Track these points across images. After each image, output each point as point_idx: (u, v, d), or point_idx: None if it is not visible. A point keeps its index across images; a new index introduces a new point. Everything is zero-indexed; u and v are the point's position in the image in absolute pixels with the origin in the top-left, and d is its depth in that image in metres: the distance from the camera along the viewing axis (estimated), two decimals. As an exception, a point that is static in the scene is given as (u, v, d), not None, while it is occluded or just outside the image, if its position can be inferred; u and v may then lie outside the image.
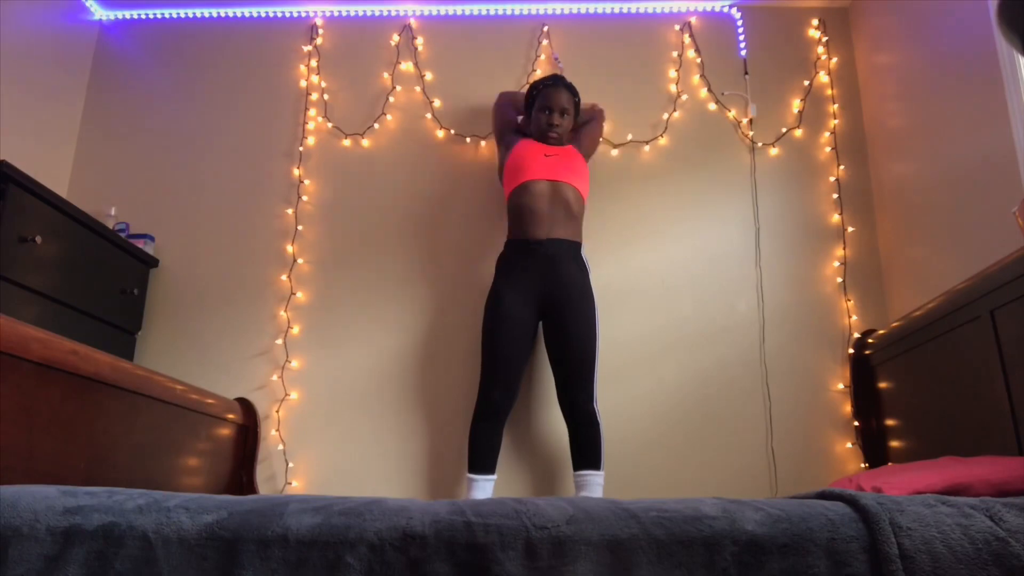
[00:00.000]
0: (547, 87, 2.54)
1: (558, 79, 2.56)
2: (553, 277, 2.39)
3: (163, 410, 1.92)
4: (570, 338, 2.34)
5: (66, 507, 0.99)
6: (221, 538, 0.96)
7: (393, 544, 0.95)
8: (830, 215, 2.86)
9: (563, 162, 2.48)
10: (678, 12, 3.09)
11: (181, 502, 1.01)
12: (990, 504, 1.06)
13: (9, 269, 2.11)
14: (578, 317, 2.36)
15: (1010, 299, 1.77)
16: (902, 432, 2.37)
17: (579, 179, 2.49)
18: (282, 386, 2.73)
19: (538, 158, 2.47)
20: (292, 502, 1.03)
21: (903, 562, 0.96)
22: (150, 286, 2.87)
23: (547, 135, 2.52)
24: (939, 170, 2.41)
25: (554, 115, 2.51)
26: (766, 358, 2.72)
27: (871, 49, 2.90)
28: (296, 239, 2.89)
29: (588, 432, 2.32)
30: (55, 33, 2.94)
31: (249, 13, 3.17)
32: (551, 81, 2.55)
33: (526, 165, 2.47)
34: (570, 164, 2.49)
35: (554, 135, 2.52)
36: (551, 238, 2.41)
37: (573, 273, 2.40)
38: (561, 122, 2.52)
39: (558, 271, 2.39)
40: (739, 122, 2.96)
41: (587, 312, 2.38)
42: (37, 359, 1.42)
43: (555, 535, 0.97)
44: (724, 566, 0.96)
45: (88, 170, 3.02)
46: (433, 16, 3.12)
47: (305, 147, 3.00)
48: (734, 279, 2.80)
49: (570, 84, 2.57)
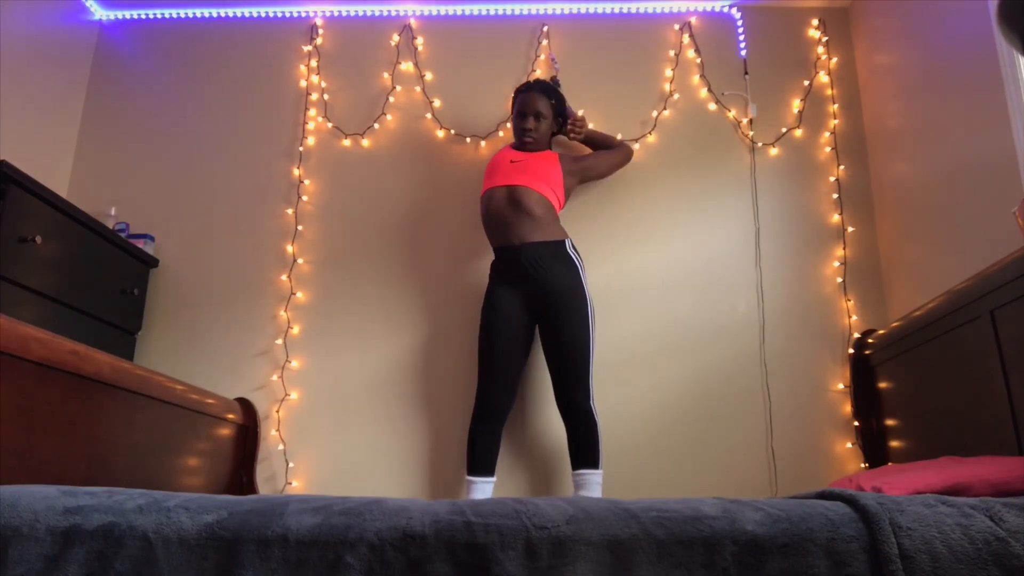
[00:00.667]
0: (522, 92, 2.59)
1: (533, 84, 2.60)
2: (538, 280, 2.39)
3: (163, 410, 1.92)
4: (562, 337, 2.35)
5: (66, 507, 0.99)
6: (221, 538, 0.96)
7: (393, 544, 0.95)
8: (830, 215, 2.86)
9: (527, 167, 2.49)
10: (678, 12, 3.09)
11: (181, 502, 1.01)
12: (990, 504, 1.06)
13: (9, 269, 2.11)
14: (569, 316, 2.36)
15: (1010, 299, 1.77)
16: (902, 432, 2.37)
17: (540, 181, 2.47)
18: (282, 386, 2.73)
19: (503, 165, 2.52)
20: (292, 502, 1.03)
21: (903, 562, 0.96)
22: (150, 286, 2.87)
23: (523, 140, 2.56)
24: (939, 170, 2.41)
25: (528, 119, 2.54)
26: (766, 358, 2.72)
27: (871, 49, 2.90)
28: (296, 239, 2.89)
29: (585, 431, 2.32)
30: (55, 33, 2.94)
31: (249, 13, 3.17)
32: (526, 87, 2.60)
33: (491, 173, 2.53)
34: (534, 168, 2.49)
35: (529, 139, 2.55)
36: (526, 242, 2.41)
37: (559, 273, 2.39)
38: (536, 125, 2.55)
39: (542, 274, 2.39)
40: (739, 122, 2.96)
41: (578, 310, 2.38)
42: (37, 359, 1.42)
43: (555, 535, 0.97)
44: (724, 566, 0.96)
45: (88, 170, 3.02)
46: (433, 16, 3.12)
47: (305, 147, 3.00)
48: (734, 279, 2.80)
49: (548, 87, 2.60)
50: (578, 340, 2.35)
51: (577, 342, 2.35)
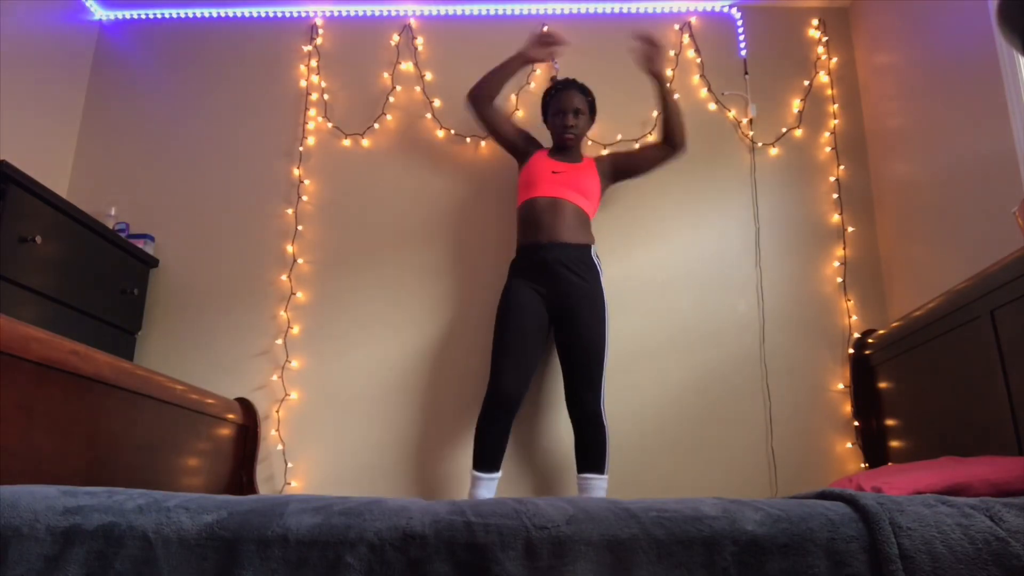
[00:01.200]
0: (559, 91, 2.58)
1: (569, 82, 2.59)
2: (560, 280, 2.40)
3: (163, 410, 1.92)
4: (579, 336, 2.35)
5: (66, 507, 0.99)
6: (221, 538, 0.96)
7: (393, 544, 0.95)
8: (830, 215, 2.86)
9: (569, 180, 2.50)
10: (678, 12, 3.09)
11: (181, 502, 1.01)
12: (990, 504, 1.06)
13: (9, 269, 2.11)
14: (586, 318, 2.37)
15: (1010, 299, 1.77)
16: (902, 432, 2.37)
17: (583, 197, 2.51)
18: (282, 386, 2.73)
19: (546, 175, 2.51)
20: (292, 502, 1.03)
21: (903, 562, 0.96)
22: (150, 286, 2.87)
23: (564, 137, 2.55)
24: (939, 170, 2.41)
25: (568, 116, 2.54)
26: (766, 358, 2.72)
27: (871, 49, 2.90)
28: (296, 239, 2.89)
29: (594, 434, 2.31)
30: (55, 33, 2.94)
31: (249, 13, 3.17)
32: (562, 85, 2.59)
33: (534, 182, 2.51)
34: (576, 182, 2.51)
35: (570, 136, 2.54)
36: (554, 242, 2.43)
37: (581, 274, 2.41)
38: (576, 122, 2.55)
39: (565, 274, 2.40)
40: (739, 122, 2.96)
41: (595, 313, 2.39)
42: (37, 359, 1.42)
43: (555, 535, 0.97)
44: (724, 566, 0.96)
45: (88, 170, 3.02)
46: (433, 16, 3.12)
47: (305, 147, 3.00)
48: (734, 279, 2.80)
49: (582, 85, 2.60)
50: (594, 342, 2.35)
51: (593, 344, 2.35)
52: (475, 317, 2.76)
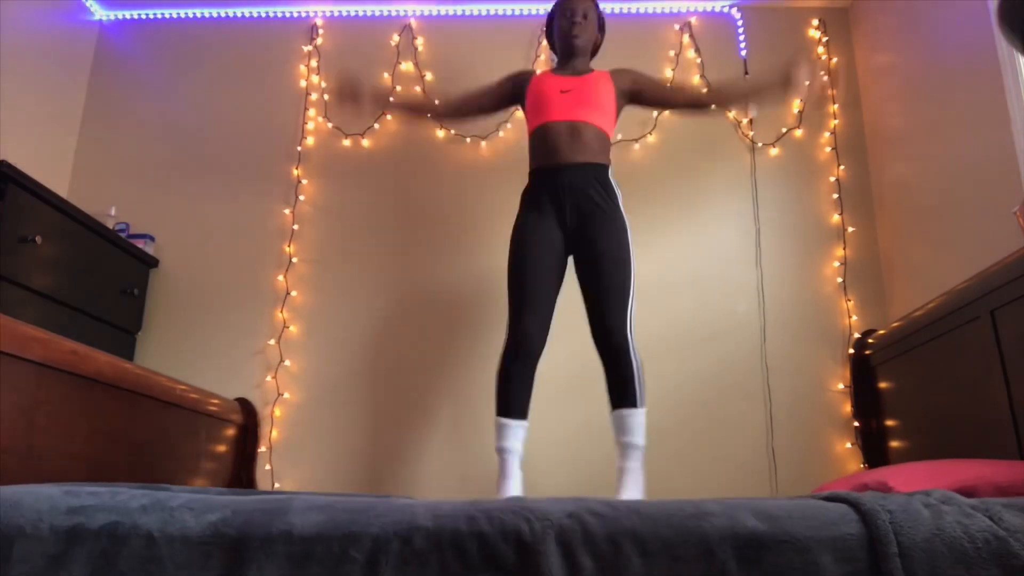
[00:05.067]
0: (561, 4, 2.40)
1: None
2: (578, 200, 2.20)
3: (163, 410, 1.92)
4: (601, 255, 2.14)
5: (69, 506, 0.99)
6: (226, 536, 0.96)
7: (398, 538, 0.96)
8: (830, 215, 2.87)
9: (582, 96, 2.29)
10: (678, 12, 3.09)
11: (185, 501, 1.01)
12: (990, 504, 1.06)
13: (9, 269, 2.11)
14: (607, 238, 2.16)
15: (1010, 299, 1.77)
16: (902, 432, 2.37)
17: (598, 115, 2.28)
18: (276, 386, 2.73)
19: (554, 96, 2.29)
20: (296, 500, 1.03)
21: (902, 560, 0.96)
22: (150, 286, 2.87)
23: (570, 38, 2.35)
24: (939, 170, 2.41)
25: (576, 17, 2.35)
26: (766, 358, 2.72)
27: (871, 49, 2.91)
28: (294, 239, 2.89)
29: (623, 362, 2.08)
30: (55, 33, 2.94)
31: (249, 13, 3.17)
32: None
33: (544, 106, 2.30)
34: (589, 98, 2.29)
35: (576, 36, 2.35)
36: (571, 163, 2.22)
37: (599, 193, 2.20)
38: (584, 23, 2.36)
39: (582, 193, 2.20)
40: (739, 122, 2.97)
41: (617, 233, 2.18)
42: (37, 359, 1.42)
43: (557, 529, 0.98)
44: (724, 560, 0.97)
45: (88, 170, 3.02)
46: (433, 16, 3.12)
47: (305, 147, 3.00)
48: (734, 279, 2.80)
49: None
50: (618, 260, 2.14)
51: (616, 262, 2.14)
52: (475, 315, 2.76)
